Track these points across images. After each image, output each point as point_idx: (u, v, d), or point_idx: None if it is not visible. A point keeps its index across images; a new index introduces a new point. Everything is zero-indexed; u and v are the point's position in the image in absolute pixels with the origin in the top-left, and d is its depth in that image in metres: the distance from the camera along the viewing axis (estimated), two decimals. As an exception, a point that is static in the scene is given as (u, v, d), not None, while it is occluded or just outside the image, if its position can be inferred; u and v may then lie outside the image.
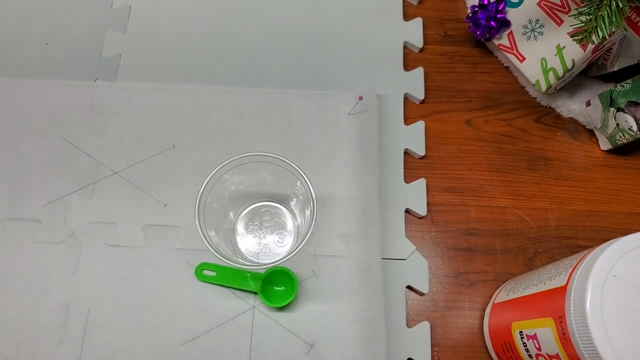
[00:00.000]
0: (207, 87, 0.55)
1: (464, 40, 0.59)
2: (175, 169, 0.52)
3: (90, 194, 0.51)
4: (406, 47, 0.58)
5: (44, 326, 0.46)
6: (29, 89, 0.55)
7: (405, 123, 0.54)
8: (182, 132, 0.53)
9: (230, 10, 0.59)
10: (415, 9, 0.60)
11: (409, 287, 0.49)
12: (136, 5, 0.60)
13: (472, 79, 0.57)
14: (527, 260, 0.50)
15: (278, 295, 0.46)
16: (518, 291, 0.42)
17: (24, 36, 0.58)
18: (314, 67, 0.57)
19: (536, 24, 0.52)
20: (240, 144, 0.52)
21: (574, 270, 0.34)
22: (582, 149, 0.54)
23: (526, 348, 0.39)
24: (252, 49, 0.57)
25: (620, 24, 0.42)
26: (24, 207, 0.50)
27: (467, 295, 0.49)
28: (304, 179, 0.42)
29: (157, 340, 0.46)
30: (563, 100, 0.55)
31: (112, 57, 0.57)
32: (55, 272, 0.48)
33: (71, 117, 0.54)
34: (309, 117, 0.54)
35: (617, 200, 0.52)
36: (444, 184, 0.52)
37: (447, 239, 0.50)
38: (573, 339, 0.32)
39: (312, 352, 0.46)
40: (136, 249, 0.49)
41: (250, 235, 0.49)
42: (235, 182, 0.45)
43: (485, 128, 0.55)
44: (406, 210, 0.51)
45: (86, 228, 0.49)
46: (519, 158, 0.54)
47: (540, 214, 0.51)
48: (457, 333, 0.47)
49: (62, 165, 0.52)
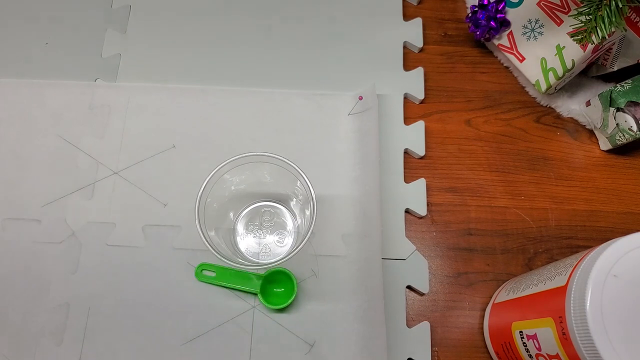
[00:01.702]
0: (207, 87, 0.55)
1: (464, 40, 0.59)
2: (175, 169, 0.52)
3: (90, 194, 0.51)
4: (406, 47, 0.58)
5: (44, 326, 0.46)
6: (29, 89, 0.55)
7: (405, 123, 0.54)
8: (182, 132, 0.53)
9: (230, 10, 0.59)
10: (415, 9, 0.60)
11: (409, 287, 0.49)
12: (136, 5, 0.60)
13: (472, 79, 0.57)
14: (527, 260, 0.50)
15: (278, 296, 0.46)
16: (518, 291, 0.42)
17: (24, 36, 0.58)
18: (314, 67, 0.57)
19: (536, 24, 0.52)
20: (240, 144, 0.52)
21: (574, 270, 0.34)
22: (582, 149, 0.54)
23: (526, 348, 0.39)
24: (252, 49, 0.57)
25: (620, 24, 0.42)
26: (24, 207, 0.50)
27: (467, 295, 0.49)
28: (304, 179, 0.42)
29: (157, 340, 0.46)
30: (563, 100, 0.55)
31: (112, 57, 0.57)
32: (55, 272, 0.48)
33: (71, 117, 0.54)
34: (309, 117, 0.54)
35: (617, 200, 0.52)
36: (444, 184, 0.52)
37: (447, 239, 0.50)
38: (573, 339, 0.32)
39: (312, 352, 0.46)
40: (136, 249, 0.49)
41: (250, 235, 0.49)
42: (235, 182, 0.45)
43: (485, 128, 0.55)
44: (406, 210, 0.51)
45: (86, 228, 0.49)
46: (519, 158, 0.54)
47: (540, 214, 0.51)
48: (457, 333, 0.47)
49: (62, 165, 0.52)
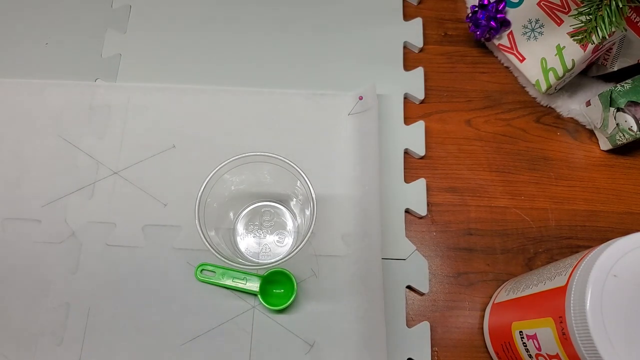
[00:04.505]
0: (207, 87, 0.55)
1: (464, 40, 0.59)
2: (175, 169, 0.52)
3: (90, 194, 0.51)
4: (406, 47, 0.58)
5: (44, 326, 0.46)
6: (29, 89, 0.55)
7: (405, 123, 0.54)
8: (182, 132, 0.53)
9: (230, 10, 0.59)
10: (415, 9, 0.60)
11: (409, 287, 0.49)
12: (136, 5, 0.60)
13: (472, 79, 0.57)
14: (527, 260, 0.50)
15: (277, 296, 0.46)
16: (518, 291, 0.42)
17: (24, 36, 0.58)
18: (314, 67, 0.57)
19: (536, 24, 0.52)
20: (240, 144, 0.52)
21: (574, 270, 0.34)
22: (582, 149, 0.54)
23: (526, 348, 0.39)
24: (252, 49, 0.57)
25: (620, 24, 0.42)
26: (24, 207, 0.50)
27: (467, 295, 0.49)
28: (304, 179, 0.42)
29: (157, 340, 0.46)
30: (563, 100, 0.55)
31: (112, 57, 0.57)
32: (55, 272, 0.48)
33: (71, 117, 0.54)
34: (309, 117, 0.54)
35: (617, 200, 0.52)
36: (444, 184, 0.52)
37: (447, 239, 0.50)
38: (573, 339, 0.32)
39: (312, 352, 0.46)
40: (136, 249, 0.49)
41: (250, 235, 0.49)
42: (235, 182, 0.45)
43: (485, 128, 0.55)
44: (406, 210, 0.51)
45: (86, 228, 0.49)
46: (519, 158, 0.54)
47: (540, 214, 0.51)
48: (457, 333, 0.47)
49: (62, 165, 0.52)
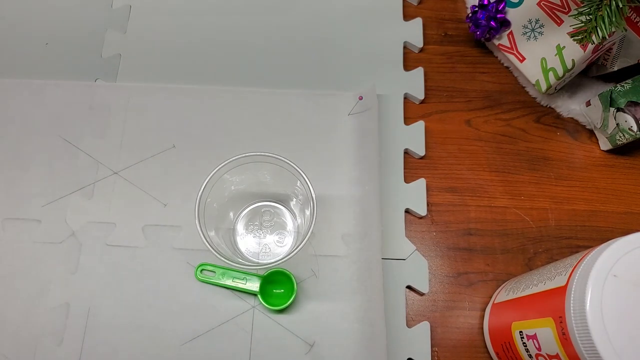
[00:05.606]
0: (207, 87, 0.55)
1: (464, 40, 0.59)
2: (175, 169, 0.52)
3: (90, 194, 0.51)
4: (406, 47, 0.58)
5: (44, 326, 0.46)
6: (29, 89, 0.55)
7: (405, 123, 0.54)
8: (182, 132, 0.53)
9: (230, 10, 0.59)
10: (415, 9, 0.60)
11: (409, 287, 0.49)
12: (136, 5, 0.60)
13: (472, 79, 0.57)
14: (527, 260, 0.50)
15: (277, 297, 0.46)
16: (518, 291, 0.42)
17: (24, 36, 0.58)
18: (314, 67, 0.57)
19: (536, 24, 0.52)
20: (240, 144, 0.52)
21: (574, 270, 0.34)
22: (582, 149, 0.54)
23: (526, 348, 0.39)
24: (252, 49, 0.57)
25: (620, 24, 0.42)
26: (24, 207, 0.50)
27: (467, 295, 0.49)
28: (304, 179, 0.42)
29: (157, 340, 0.46)
30: (563, 100, 0.55)
31: (112, 57, 0.57)
32: (55, 272, 0.48)
33: (71, 117, 0.54)
34: (309, 117, 0.54)
35: (617, 200, 0.52)
36: (444, 184, 0.52)
37: (447, 239, 0.50)
38: (573, 339, 0.32)
39: (312, 352, 0.46)
40: (136, 249, 0.49)
41: (250, 235, 0.49)
42: (235, 182, 0.45)
43: (485, 128, 0.55)
44: (406, 210, 0.51)
45: (86, 228, 0.49)
46: (519, 158, 0.54)
47: (540, 214, 0.51)
48: (457, 333, 0.47)
49: (62, 165, 0.52)
